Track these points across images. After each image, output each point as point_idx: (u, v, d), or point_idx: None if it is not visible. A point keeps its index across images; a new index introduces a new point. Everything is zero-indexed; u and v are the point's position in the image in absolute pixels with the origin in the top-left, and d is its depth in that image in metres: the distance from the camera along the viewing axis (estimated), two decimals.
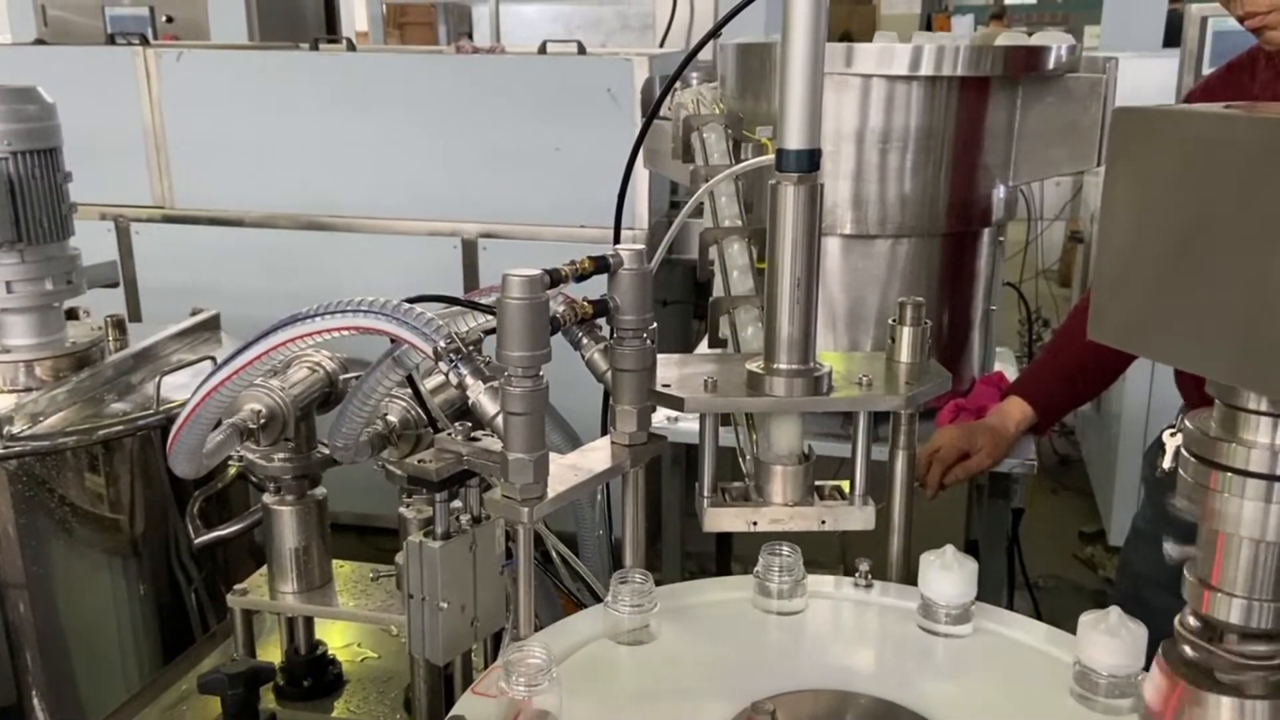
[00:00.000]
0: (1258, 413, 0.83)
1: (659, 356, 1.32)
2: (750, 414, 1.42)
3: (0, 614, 2.12)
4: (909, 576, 1.44)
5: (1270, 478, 0.83)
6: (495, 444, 1.21)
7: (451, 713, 1.08)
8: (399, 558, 1.35)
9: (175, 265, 3.90)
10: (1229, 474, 0.84)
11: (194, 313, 2.57)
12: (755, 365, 1.29)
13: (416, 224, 3.81)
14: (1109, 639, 1.11)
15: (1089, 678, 1.12)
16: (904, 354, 1.34)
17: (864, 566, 1.39)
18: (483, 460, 1.23)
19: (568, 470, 1.21)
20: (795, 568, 1.33)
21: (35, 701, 2.16)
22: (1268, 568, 0.86)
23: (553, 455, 1.19)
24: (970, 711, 1.13)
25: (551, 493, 1.13)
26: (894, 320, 1.36)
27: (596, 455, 1.26)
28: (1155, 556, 2.03)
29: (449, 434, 1.27)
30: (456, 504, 1.32)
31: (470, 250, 3.80)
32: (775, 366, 1.26)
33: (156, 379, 2.11)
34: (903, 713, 1.14)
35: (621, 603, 1.27)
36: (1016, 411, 2.12)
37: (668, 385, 1.29)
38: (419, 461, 1.26)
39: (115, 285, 2.74)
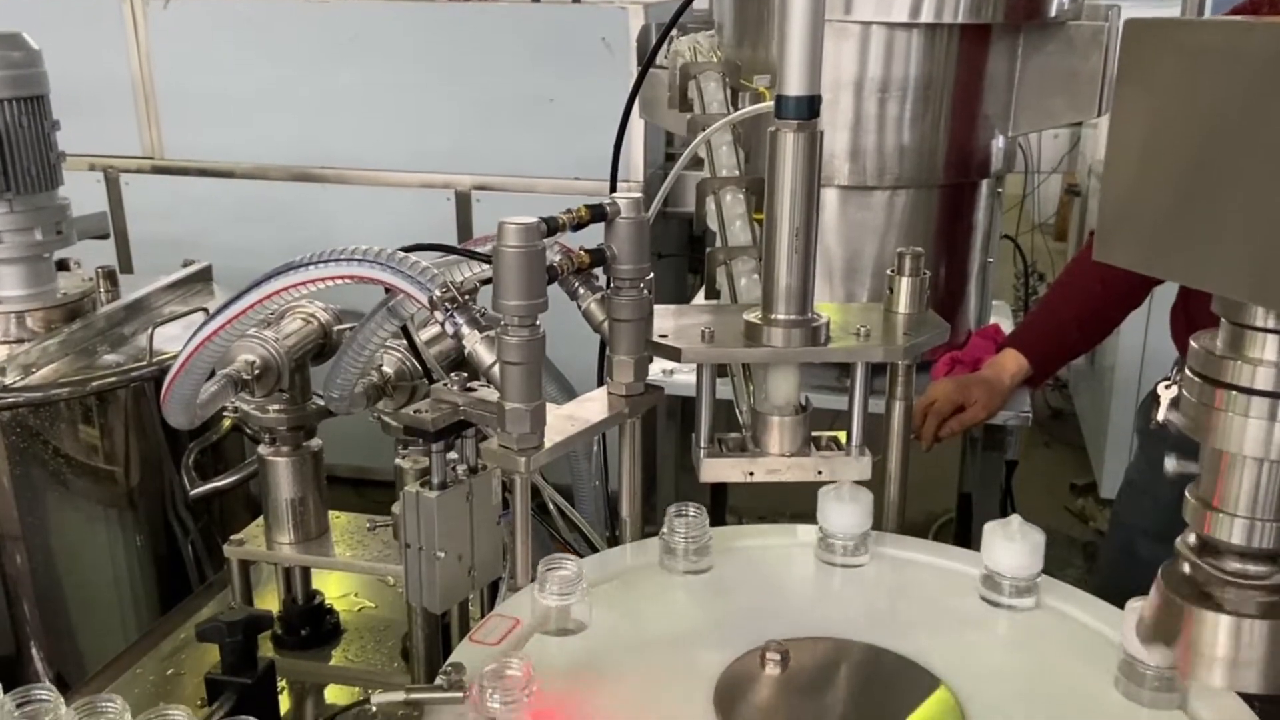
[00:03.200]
0: (1265, 330, 0.82)
1: (656, 307, 1.32)
2: (747, 365, 1.42)
3: None
4: (904, 527, 1.45)
5: (1276, 395, 0.82)
6: (491, 394, 1.20)
7: (448, 661, 1.09)
8: (395, 508, 1.35)
9: (166, 217, 3.87)
10: (1234, 392, 0.83)
11: (186, 264, 2.55)
12: (753, 316, 1.28)
13: (409, 176, 3.78)
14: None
15: (1134, 669, 1.07)
16: (902, 304, 1.33)
17: None
18: (479, 411, 1.22)
19: (564, 420, 1.20)
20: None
21: (34, 652, 2.17)
22: (1270, 487, 0.85)
23: (549, 406, 1.18)
24: (969, 663, 1.14)
25: (548, 443, 1.13)
26: (892, 270, 1.35)
27: (593, 406, 1.26)
28: (1148, 508, 2.05)
29: (445, 384, 1.27)
30: (453, 455, 1.32)
31: (464, 202, 3.77)
32: (773, 317, 1.26)
33: (149, 330, 2.09)
34: (899, 660, 1.15)
35: (677, 535, 1.27)
36: (1012, 364, 2.12)
37: (665, 336, 1.28)
38: (415, 412, 1.26)
39: (105, 237, 2.71)
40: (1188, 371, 0.88)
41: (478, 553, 1.30)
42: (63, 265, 2.37)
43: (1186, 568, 0.92)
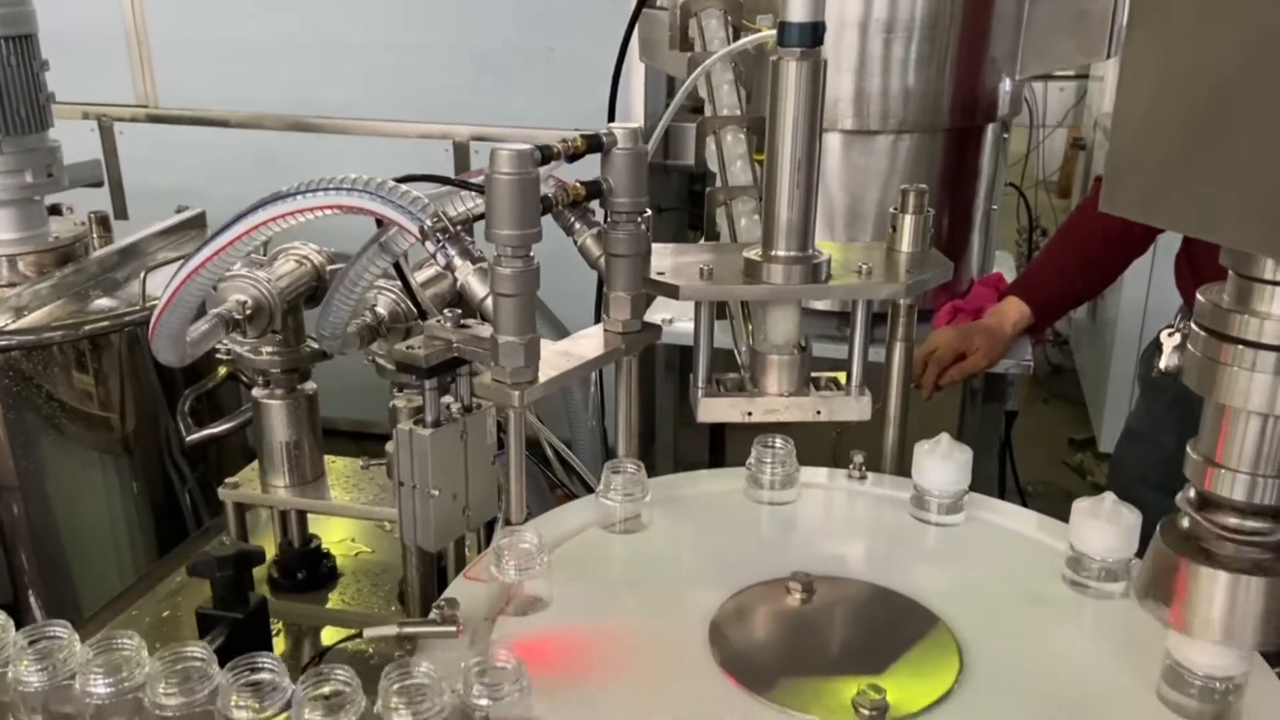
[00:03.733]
0: (1274, 283, 0.80)
1: (654, 246, 1.29)
2: (746, 304, 1.40)
3: None
4: (903, 469, 1.44)
5: None
6: (485, 330, 1.18)
7: (442, 595, 1.08)
8: (389, 446, 1.34)
9: (160, 167, 3.82)
10: (1240, 346, 0.82)
11: (179, 210, 2.52)
12: (752, 253, 1.26)
13: (407, 126, 3.73)
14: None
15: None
16: (905, 243, 1.31)
17: (858, 458, 1.38)
18: (473, 347, 1.20)
19: (559, 356, 1.18)
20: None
21: (31, 600, 2.18)
22: (1273, 443, 0.84)
23: (544, 342, 1.16)
24: (962, 597, 1.13)
25: (543, 377, 1.11)
26: (895, 208, 1.32)
27: (589, 342, 1.24)
28: (1148, 455, 2.04)
29: (438, 320, 1.24)
30: (448, 399, 1.30)
31: (462, 153, 3.73)
32: (773, 253, 1.23)
33: (142, 275, 2.07)
34: (895, 598, 1.14)
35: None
36: (1014, 312, 2.10)
37: (662, 273, 1.26)
38: (408, 348, 1.23)
39: (99, 185, 2.69)
40: (1193, 325, 0.87)
41: (472, 492, 1.29)
42: (55, 210, 2.34)
43: (1185, 523, 0.91)
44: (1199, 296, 0.86)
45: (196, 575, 1.11)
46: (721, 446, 3.20)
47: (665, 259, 1.30)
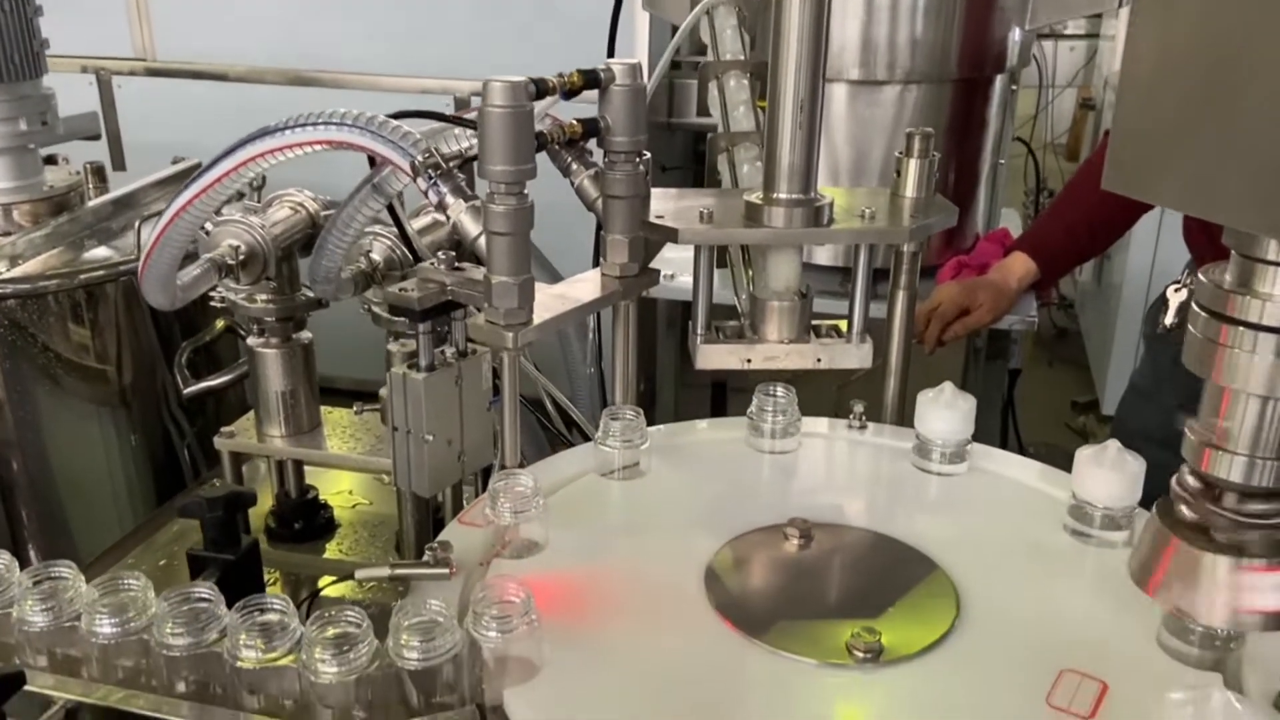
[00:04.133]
0: (1276, 264, 0.79)
1: (654, 190, 1.27)
2: (746, 249, 1.37)
3: None
4: (904, 421, 1.42)
5: None
6: (479, 273, 1.16)
7: (437, 539, 1.07)
8: (383, 391, 1.32)
9: (159, 121, 3.78)
10: (1241, 328, 0.81)
11: (175, 161, 2.49)
12: (754, 196, 1.23)
13: (407, 81, 3.68)
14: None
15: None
16: (910, 188, 1.28)
17: (858, 408, 1.37)
18: (466, 290, 1.18)
19: (555, 299, 1.16)
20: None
21: (31, 554, 2.17)
22: (1273, 425, 0.83)
23: (540, 285, 1.14)
24: (961, 545, 1.12)
25: (537, 320, 1.09)
26: (900, 153, 1.29)
27: (585, 286, 1.22)
28: (1151, 414, 2.02)
29: (432, 263, 1.22)
30: (446, 347, 1.28)
31: (463, 109, 3.68)
32: (775, 196, 1.21)
33: (137, 224, 2.04)
34: (893, 545, 1.13)
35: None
36: (1020, 267, 2.07)
37: (662, 217, 1.23)
38: (401, 290, 1.22)
39: (96, 137, 2.65)
40: (1194, 307, 0.86)
41: (468, 438, 1.28)
42: (50, 160, 2.31)
43: (1183, 506, 0.91)
44: (1201, 276, 0.84)
45: (187, 516, 1.10)
46: (723, 408, 3.19)
47: (665, 203, 1.27)
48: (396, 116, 1.18)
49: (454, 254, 1.22)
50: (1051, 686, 0.91)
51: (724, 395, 3.20)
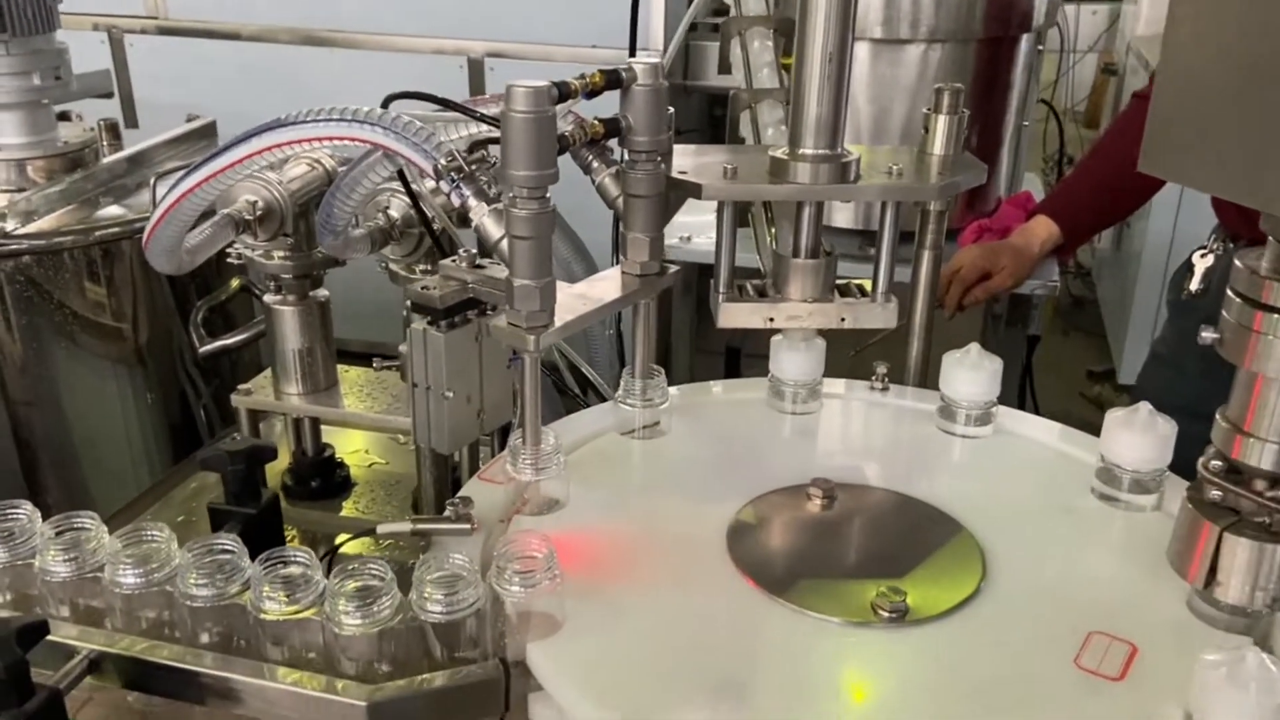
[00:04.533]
0: None
1: (675, 147, 1.24)
2: (769, 208, 1.35)
3: (10, 427, 2.11)
4: (927, 383, 1.41)
5: None
6: (500, 271, 1.15)
7: (458, 494, 1.06)
8: (402, 347, 1.31)
9: (171, 81, 3.75)
10: (1276, 315, 0.79)
11: (189, 119, 2.48)
12: (779, 151, 1.21)
13: (421, 41, 3.64)
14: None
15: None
16: (937, 145, 1.26)
17: (881, 369, 1.35)
18: (487, 288, 1.17)
19: (575, 299, 1.14)
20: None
21: (49, 511, 2.18)
22: None
23: (561, 285, 1.12)
24: (987, 508, 1.10)
25: (558, 321, 1.07)
26: (928, 108, 1.27)
27: (605, 285, 1.19)
28: (1172, 381, 2.00)
29: (454, 261, 1.21)
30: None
31: (477, 70, 3.64)
32: (800, 152, 1.18)
33: (152, 181, 2.02)
34: (918, 506, 1.12)
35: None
36: (1043, 231, 2.04)
37: (684, 173, 1.21)
38: (423, 289, 1.21)
39: (109, 96, 2.64)
40: (1229, 292, 0.85)
41: (487, 395, 1.27)
42: (64, 117, 2.30)
43: (1213, 492, 0.90)
44: (1236, 262, 0.83)
45: (208, 469, 1.10)
46: (736, 374, 3.18)
47: (687, 159, 1.25)
48: (395, 98, 1.15)
49: (474, 251, 1.21)
50: (1080, 648, 0.90)
51: (738, 361, 3.18)
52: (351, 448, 1.83)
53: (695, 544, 1.05)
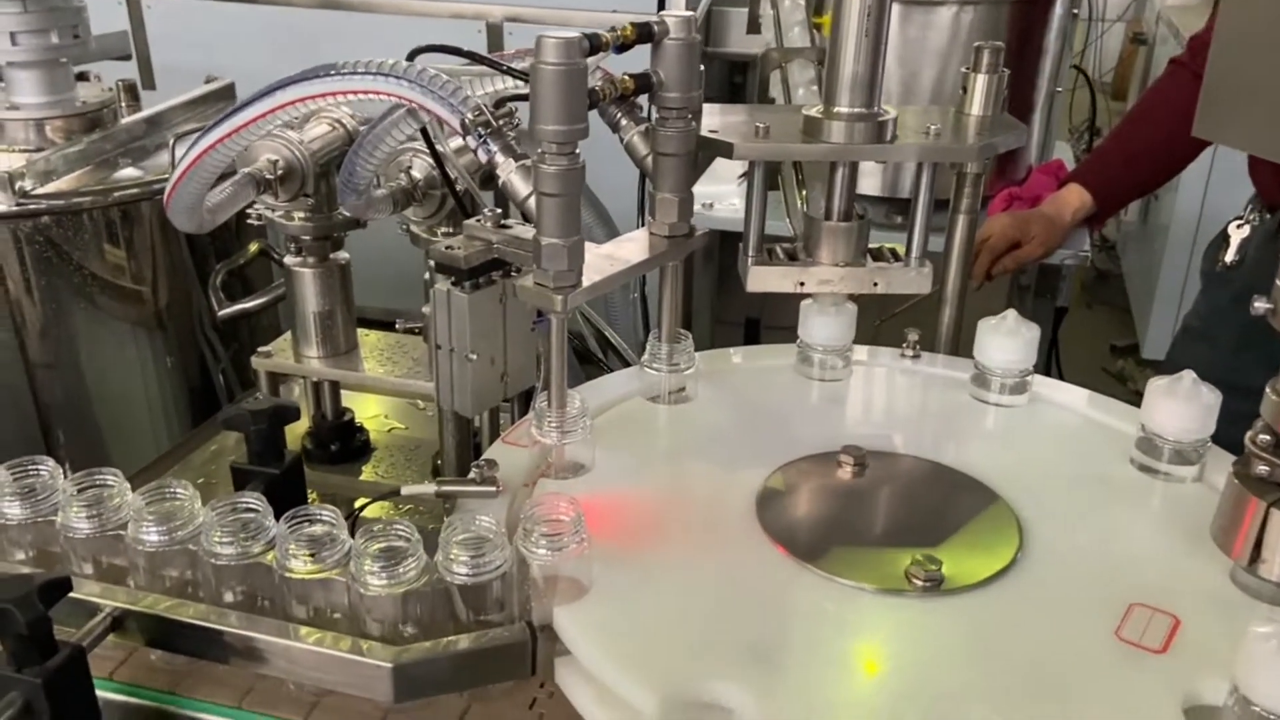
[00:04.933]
0: None
1: (704, 105, 1.21)
2: (799, 170, 1.32)
3: (30, 389, 2.11)
4: (959, 350, 1.38)
5: None
6: (526, 231, 1.12)
7: (482, 457, 1.04)
8: (426, 309, 1.29)
9: (188, 43, 3.73)
10: None
11: (208, 80, 2.45)
12: (813, 110, 1.17)
13: (439, 5, 3.60)
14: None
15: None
16: (976, 105, 1.22)
17: (912, 336, 1.32)
18: (514, 248, 1.14)
19: (603, 259, 1.11)
20: None
21: (68, 474, 2.18)
22: None
23: (588, 245, 1.09)
24: (1023, 477, 1.08)
25: (586, 282, 1.04)
26: (967, 68, 1.23)
27: (632, 246, 1.17)
28: (1203, 353, 1.96)
29: (479, 220, 1.18)
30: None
31: (495, 35, 3.60)
32: (835, 110, 1.15)
33: (171, 142, 2.01)
34: (952, 474, 1.09)
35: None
36: (1075, 199, 2.00)
37: (714, 131, 1.18)
38: (447, 249, 1.18)
39: (127, 58, 2.61)
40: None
41: (511, 358, 1.25)
42: (82, 77, 2.28)
43: (1260, 466, 0.88)
44: None
45: (231, 429, 1.08)
46: (756, 344, 3.15)
47: (717, 118, 1.22)
48: (421, 51, 1.13)
49: (500, 211, 1.18)
50: (1121, 620, 0.88)
51: (758, 332, 3.15)
52: (370, 413, 1.81)
53: (723, 510, 1.03)
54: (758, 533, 1.00)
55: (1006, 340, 1.18)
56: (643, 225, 1.22)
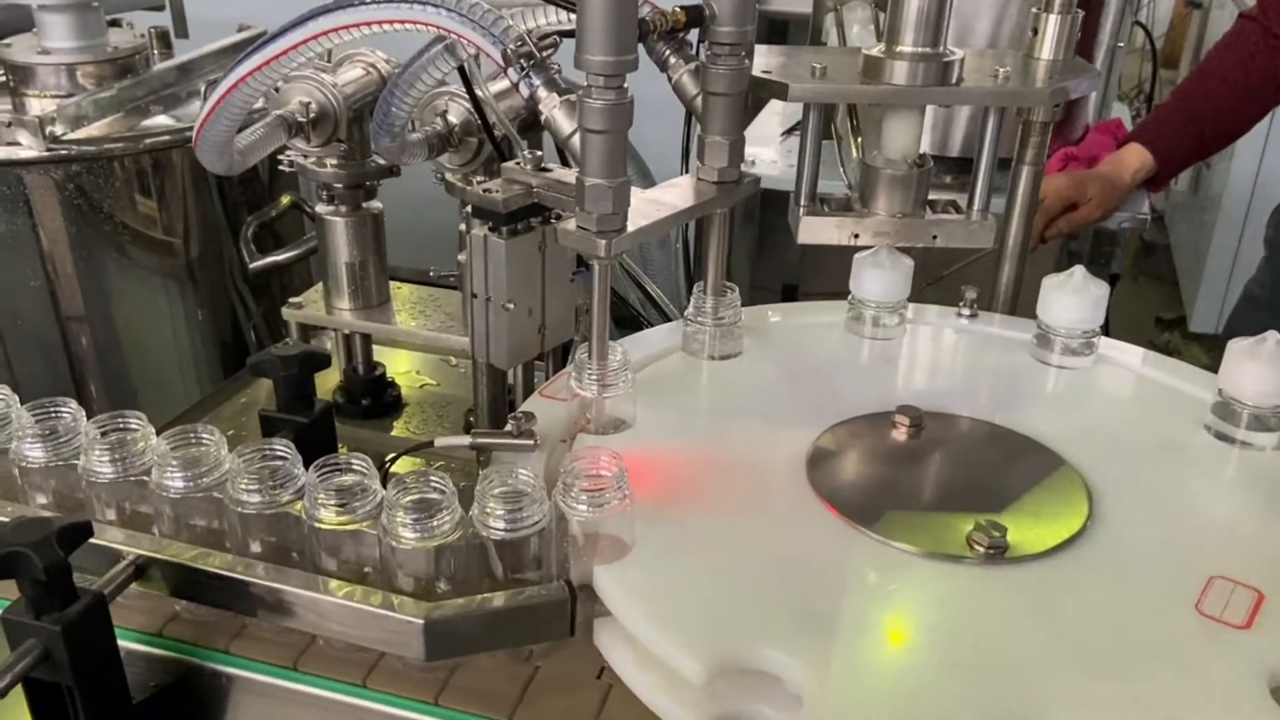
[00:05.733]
0: None
1: (757, 46, 1.15)
2: (856, 115, 1.25)
3: (61, 340, 2.09)
4: (1018, 310, 1.31)
5: None
6: (568, 174, 1.06)
7: (520, 409, 0.99)
8: (461, 256, 1.24)
9: None
10: None
11: (241, 29, 2.41)
12: (874, 49, 1.11)
13: None
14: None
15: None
16: (1046, 48, 1.15)
17: (970, 294, 1.26)
18: (554, 193, 1.08)
19: (649, 204, 1.05)
20: None
21: None
22: None
23: (633, 190, 1.03)
24: (1090, 442, 1.02)
25: (632, 226, 0.98)
26: (1038, 8, 1.16)
27: (679, 191, 1.11)
28: (1268, 323, 1.87)
29: (518, 163, 1.13)
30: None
31: None
32: (898, 49, 1.08)
33: (202, 88, 1.96)
34: (1014, 437, 1.04)
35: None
36: (1135, 160, 1.92)
37: (768, 72, 1.12)
38: (484, 191, 1.13)
39: (160, 8, 2.58)
40: None
41: (549, 309, 1.20)
42: (114, 24, 2.24)
43: None
44: None
45: (259, 374, 1.04)
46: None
47: (771, 58, 1.16)
48: None
49: (540, 154, 1.12)
50: (1200, 593, 0.82)
51: (794, 299, 3.09)
52: (402, 368, 1.78)
53: (772, 470, 0.98)
54: (808, 494, 0.95)
55: (1073, 298, 1.12)
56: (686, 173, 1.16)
